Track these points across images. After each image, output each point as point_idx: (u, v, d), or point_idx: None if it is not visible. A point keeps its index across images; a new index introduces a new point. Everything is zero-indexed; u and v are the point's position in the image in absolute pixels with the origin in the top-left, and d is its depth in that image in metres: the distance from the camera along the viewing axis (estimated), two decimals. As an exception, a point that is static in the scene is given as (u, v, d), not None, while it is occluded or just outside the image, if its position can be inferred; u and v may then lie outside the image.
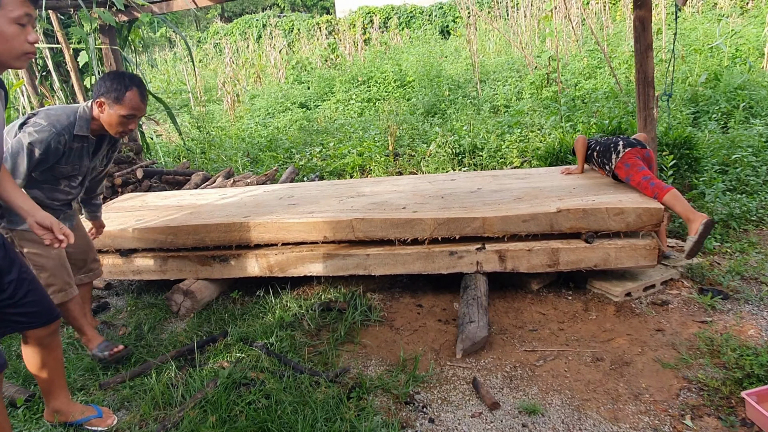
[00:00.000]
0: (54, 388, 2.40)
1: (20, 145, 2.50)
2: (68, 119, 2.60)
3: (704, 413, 2.27)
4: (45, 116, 2.57)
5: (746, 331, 2.79)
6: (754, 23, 9.89)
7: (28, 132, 2.51)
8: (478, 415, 2.39)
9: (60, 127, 2.56)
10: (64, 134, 2.57)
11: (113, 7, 4.87)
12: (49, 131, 2.53)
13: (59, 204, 2.78)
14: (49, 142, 2.53)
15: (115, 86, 2.58)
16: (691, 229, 3.14)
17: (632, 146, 3.45)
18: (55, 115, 2.58)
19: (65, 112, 2.63)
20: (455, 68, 10.99)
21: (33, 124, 2.54)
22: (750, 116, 6.09)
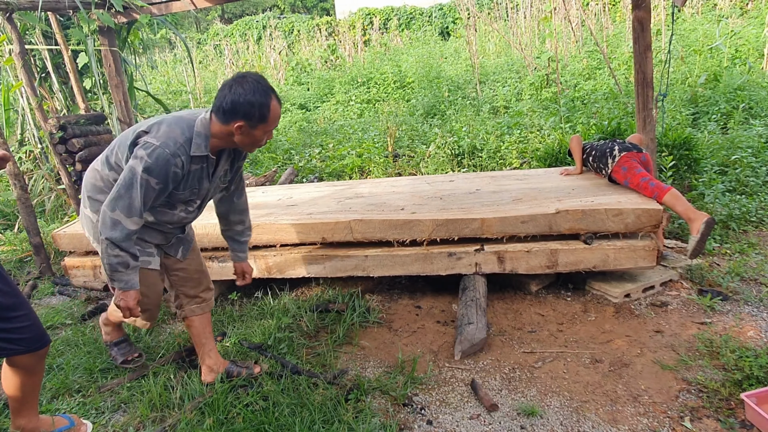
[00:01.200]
0: (24, 408, 2.29)
1: (133, 176, 2.08)
2: (183, 135, 2.14)
3: (703, 415, 2.26)
4: (157, 133, 2.13)
5: (746, 333, 2.78)
6: (754, 24, 9.88)
7: (140, 157, 2.08)
8: (476, 417, 2.38)
9: (174, 147, 2.11)
10: (180, 155, 2.12)
11: (112, 9, 4.86)
12: (164, 153, 2.08)
13: (172, 227, 2.48)
14: (167, 168, 2.10)
15: (258, 105, 2.11)
16: (692, 228, 3.13)
17: (628, 150, 3.45)
18: (168, 131, 2.13)
19: (180, 126, 2.16)
20: (455, 69, 10.99)
21: (144, 145, 2.10)
22: (750, 117, 6.09)
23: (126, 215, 2.10)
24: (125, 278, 2.20)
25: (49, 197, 5.76)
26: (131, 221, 2.13)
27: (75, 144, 4.81)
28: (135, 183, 2.08)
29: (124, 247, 2.13)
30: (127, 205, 2.09)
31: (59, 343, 3.29)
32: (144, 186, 2.09)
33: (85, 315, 3.67)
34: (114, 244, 2.12)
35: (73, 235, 3.78)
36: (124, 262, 2.17)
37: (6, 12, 4.37)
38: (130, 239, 2.15)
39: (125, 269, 2.18)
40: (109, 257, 2.14)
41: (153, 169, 2.08)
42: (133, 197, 2.09)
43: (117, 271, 2.17)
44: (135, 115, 5.83)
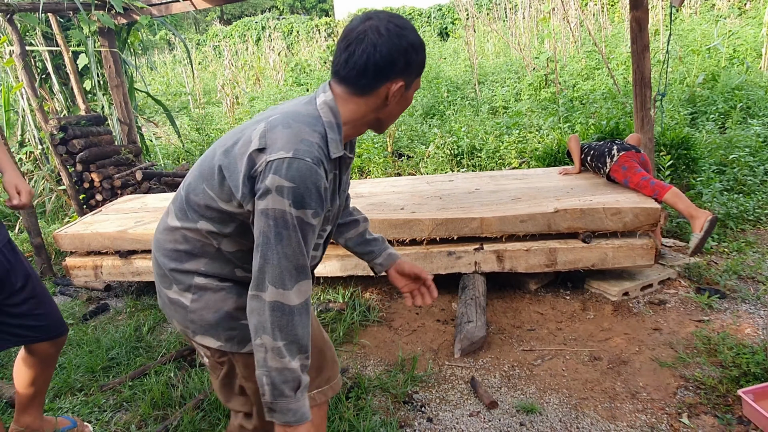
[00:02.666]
0: (32, 406, 2.29)
1: (279, 220, 1.25)
2: (315, 132, 1.32)
3: (701, 411, 2.28)
4: (276, 142, 1.28)
5: (743, 330, 2.80)
6: (752, 24, 9.92)
7: (276, 186, 1.23)
8: (476, 414, 2.40)
9: (313, 151, 1.28)
10: (322, 161, 1.30)
11: (112, 10, 4.89)
12: (305, 164, 1.25)
13: None
14: (317, 184, 1.27)
15: (418, 45, 1.36)
16: (695, 226, 3.16)
17: (627, 150, 3.48)
18: (292, 133, 1.29)
19: (302, 120, 1.33)
20: (454, 70, 11.01)
21: (272, 167, 1.24)
22: (747, 116, 6.11)
23: (285, 285, 1.26)
24: (295, 405, 1.26)
25: (50, 198, 5.78)
26: (297, 291, 1.27)
27: (75, 145, 4.83)
28: (287, 229, 1.25)
29: (303, 347, 1.28)
30: (285, 270, 1.26)
31: (61, 343, 3.31)
32: (299, 227, 1.26)
33: (87, 315, 3.69)
34: (289, 346, 1.25)
35: (73, 235, 3.80)
36: (296, 378, 1.26)
37: (7, 13, 4.39)
38: (305, 327, 1.28)
39: (294, 391, 1.26)
40: (271, 372, 1.24)
41: (302, 194, 1.24)
42: (291, 253, 1.26)
43: (283, 396, 1.25)
44: (135, 116, 5.85)
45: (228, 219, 1.38)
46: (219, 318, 1.46)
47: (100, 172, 4.98)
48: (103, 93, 5.71)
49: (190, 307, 1.46)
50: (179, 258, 1.47)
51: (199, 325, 1.47)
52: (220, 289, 1.46)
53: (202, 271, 1.45)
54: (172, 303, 1.50)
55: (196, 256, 1.46)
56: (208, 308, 1.45)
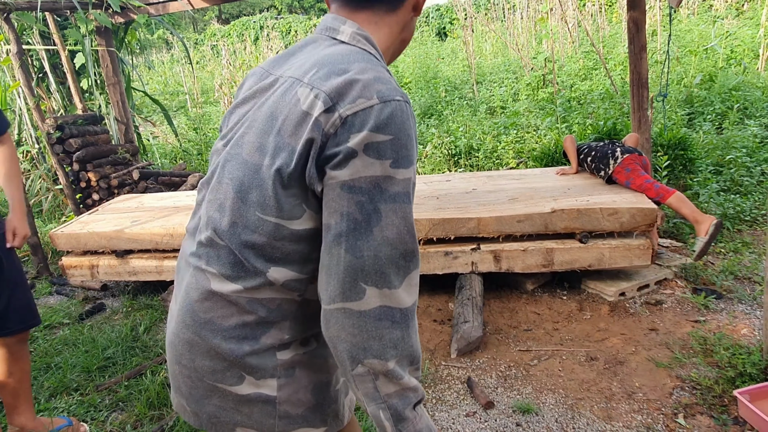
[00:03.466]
0: (19, 403, 2.29)
1: (379, 195, 0.88)
2: (380, 65, 0.98)
3: (697, 412, 2.29)
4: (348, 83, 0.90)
5: (739, 331, 2.81)
6: (749, 25, 9.93)
7: (366, 145, 0.87)
8: (472, 415, 2.40)
9: (400, 89, 0.95)
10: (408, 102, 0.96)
11: (109, 9, 4.88)
12: (401, 111, 0.90)
13: None
14: (415, 136, 0.95)
15: None
16: (699, 230, 3.17)
17: (630, 153, 3.49)
18: (361, 69, 0.93)
19: (357, 55, 0.97)
20: (452, 70, 11.01)
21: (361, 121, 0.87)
22: (744, 117, 6.12)
23: (391, 282, 0.90)
24: (421, 425, 0.95)
25: (47, 197, 5.76)
26: (408, 286, 0.93)
27: (72, 144, 4.82)
28: (386, 202, 0.89)
29: (417, 357, 0.96)
30: (389, 261, 0.90)
31: (57, 343, 3.31)
32: (404, 194, 0.91)
33: (83, 314, 3.68)
34: (402, 362, 0.93)
35: (70, 234, 3.79)
36: (420, 395, 0.95)
37: (3, 12, 4.37)
38: (416, 332, 0.96)
39: (415, 408, 0.95)
40: (391, 401, 0.93)
41: (404, 145, 0.90)
42: (395, 235, 0.90)
43: (405, 420, 0.94)
44: (132, 115, 5.84)
45: (309, 244, 0.98)
46: (317, 394, 1.08)
47: (97, 171, 4.97)
48: (100, 92, 5.70)
49: (279, 398, 1.03)
50: (252, 335, 1.00)
51: (295, 417, 1.05)
52: (307, 354, 1.06)
53: (285, 341, 1.03)
54: (247, 403, 1.03)
55: (274, 322, 1.01)
56: (303, 388, 1.06)
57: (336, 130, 0.88)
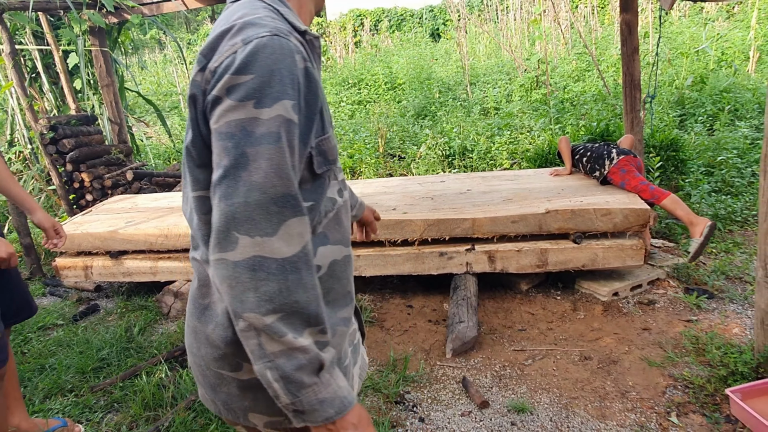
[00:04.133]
0: (10, 402, 2.26)
1: (244, 138, 0.85)
2: (257, 9, 0.96)
3: (690, 410, 2.31)
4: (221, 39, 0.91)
5: (731, 330, 2.84)
6: (740, 27, 10.03)
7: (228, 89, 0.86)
8: (467, 414, 2.42)
9: (274, 24, 0.92)
10: (290, 33, 0.94)
11: (103, 9, 4.86)
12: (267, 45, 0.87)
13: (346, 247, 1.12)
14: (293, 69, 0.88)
15: None
16: (694, 232, 3.21)
17: (626, 154, 3.52)
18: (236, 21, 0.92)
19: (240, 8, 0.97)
20: (445, 71, 11.04)
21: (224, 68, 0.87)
22: (735, 119, 6.18)
23: (263, 229, 0.85)
24: (327, 393, 0.89)
25: (39, 198, 5.73)
26: (285, 235, 0.86)
27: (66, 144, 4.80)
28: (252, 145, 0.85)
29: (312, 317, 0.89)
30: (258, 207, 0.85)
31: (51, 344, 3.29)
32: (274, 133, 0.85)
33: (77, 315, 3.67)
34: (288, 319, 0.86)
35: (64, 235, 3.77)
36: (313, 359, 0.88)
37: (-4, 12, 4.36)
38: (307, 288, 0.88)
39: (316, 374, 0.88)
40: (277, 361, 0.86)
41: (269, 81, 0.85)
42: (262, 179, 0.85)
43: (304, 386, 0.87)
44: (125, 116, 5.82)
45: None
46: None
47: (91, 172, 4.95)
48: (94, 92, 5.68)
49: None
50: None
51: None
52: None
53: None
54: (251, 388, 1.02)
55: None
56: None
57: (208, 84, 0.88)
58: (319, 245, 1.02)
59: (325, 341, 0.91)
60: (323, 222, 1.03)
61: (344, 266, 1.09)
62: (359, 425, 0.91)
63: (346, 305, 1.11)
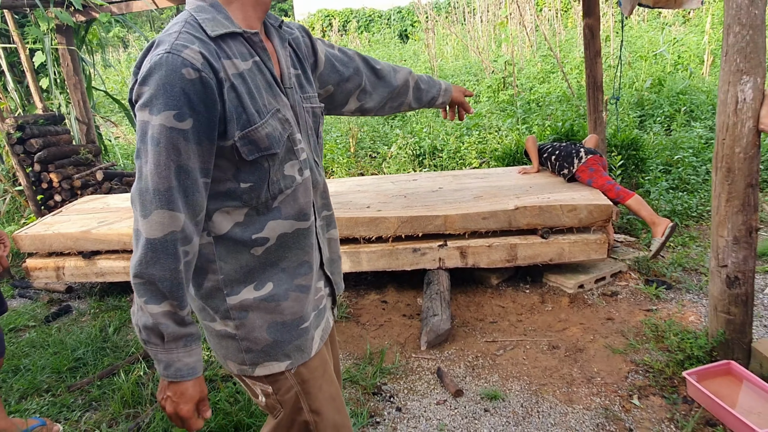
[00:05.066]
0: None
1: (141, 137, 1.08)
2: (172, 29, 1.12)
3: (650, 393, 2.46)
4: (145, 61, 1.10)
5: (687, 318, 3.02)
6: (695, 32, 10.45)
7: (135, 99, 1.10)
8: (442, 403, 2.52)
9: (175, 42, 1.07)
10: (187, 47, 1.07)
11: (71, 7, 4.80)
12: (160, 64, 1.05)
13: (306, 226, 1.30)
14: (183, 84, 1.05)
15: None
16: (656, 231, 3.39)
17: (593, 154, 3.68)
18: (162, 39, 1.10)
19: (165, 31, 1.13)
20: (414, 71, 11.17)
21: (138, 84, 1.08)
22: (691, 119, 6.47)
23: (142, 210, 1.06)
24: (165, 357, 1.11)
25: (5, 199, 5.61)
26: (154, 221, 1.05)
27: (33, 144, 4.72)
28: (145, 143, 1.06)
29: (164, 293, 1.08)
30: (143, 192, 1.06)
31: (24, 345, 3.26)
32: (161, 138, 1.04)
33: (49, 317, 3.63)
34: (146, 287, 1.07)
35: (34, 236, 3.73)
36: (155, 325, 1.08)
37: (-41, 9, 4.26)
38: (164, 268, 1.07)
39: (161, 339, 1.10)
40: (136, 311, 1.11)
41: (156, 95, 1.03)
42: (149, 172, 1.05)
43: (149, 342, 1.10)
44: (93, 115, 5.75)
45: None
46: (274, 333, 1.26)
47: (59, 172, 4.88)
48: (60, 91, 5.58)
49: (238, 335, 1.24)
50: (197, 280, 1.25)
51: (257, 352, 1.25)
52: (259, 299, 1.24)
53: (226, 283, 1.24)
54: (223, 337, 1.26)
55: (204, 267, 1.23)
56: (258, 328, 1.24)
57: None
58: (270, 219, 1.21)
59: (182, 315, 1.11)
60: (278, 198, 1.21)
61: (296, 238, 1.26)
62: (178, 397, 1.13)
63: (304, 274, 1.29)
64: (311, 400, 1.31)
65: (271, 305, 1.24)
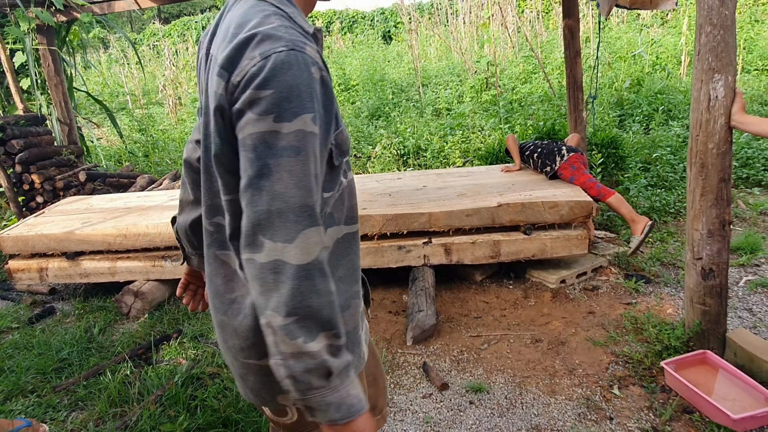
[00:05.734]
0: None
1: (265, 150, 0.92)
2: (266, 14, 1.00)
3: (630, 383, 2.53)
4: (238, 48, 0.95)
5: (665, 310, 3.10)
6: (672, 33, 10.66)
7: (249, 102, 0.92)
8: (428, 396, 2.56)
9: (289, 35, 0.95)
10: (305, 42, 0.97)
11: (52, 7, 4.76)
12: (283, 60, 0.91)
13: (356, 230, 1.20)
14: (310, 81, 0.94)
15: None
16: (635, 229, 3.47)
17: (575, 152, 3.76)
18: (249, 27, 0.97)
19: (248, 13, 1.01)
20: (398, 72, 11.23)
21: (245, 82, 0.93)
22: (669, 118, 6.61)
23: (282, 237, 0.91)
24: (334, 397, 0.93)
25: (-16, 201, 5.53)
26: (302, 244, 0.92)
27: (15, 145, 4.68)
28: (274, 157, 0.91)
29: (325, 323, 0.93)
30: (279, 215, 0.91)
31: (7, 347, 3.24)
32: (294, 146, 0.91)
33: (33, 318, 3.60)
34: (302, 323, 0.91)
35: (17, 237, 3.70)
36: (320, 365, 0.91)
37: (-63, 8, 4.21)
38: (321, 294, 0.93)
39: (326, 379, 0.92)
40: (288, 361, 0.91)
41: (286, 97, 0.90)
42: (283, 189, 0.91)
43: (312, 388, 0.92)
44: (75, 116, 5.70)
45: None
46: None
47: (41, 173, 4.84)
48: (42, 92, 5.53)
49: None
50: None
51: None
52: None
53: None
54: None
55: None
56: None
57: (232, 96, 0.94)
58: (328, 227, 1.08)
59: (340, 345, 0.94)
60: (332, 204, 1.09)
61: (347, 244, 1.15)
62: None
63: (357, 281, 1.18)
64: None
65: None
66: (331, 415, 0.93)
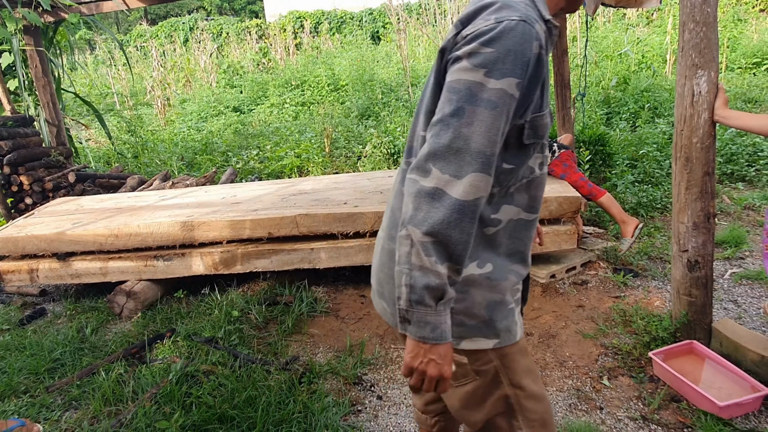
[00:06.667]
0: None
1: (467, 96, 1.04)
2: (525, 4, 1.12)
3: (619, 374, 2.58)
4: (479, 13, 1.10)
5: (653, 303, 3.16)
6: (658, 32, 10.79)
7: (469, 53, 1.05)
8: (422, 390, 2.59)
9: (525, 10, 1.09)
10: (536, 21, 1.10)
11: (39, 8, 4.74)
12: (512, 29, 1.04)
13: (534, 217, 1.31)
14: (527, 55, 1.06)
15: None
16: (625, 231, 3.54)
17: (566, 149, 3.81)
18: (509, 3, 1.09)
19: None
20: (387, 72, 11.26)
21: (473, 37, 1.06)
22: (655, 116, 6.71)
23: (454, 171, 1.03)
24: (434, 319, 1.05)
25: (-29, 203, 5.49)
26: (468, 184, 1.03)
27: (3, 147, 4.65)
28: (472, 104, 1.03)
29: (455, 256, 1.04)
30: (458, 153, 1.03)
31: (-2, 348, 3.22)
32: (492, 103, 1.02)
33: (24, 320, 3.59)
34: (438, 246, 1.03)
35: (6, 238, 3.68)
36: (440, 286, 1.04)
37: (-77, 9, 4.18)
38: (463, 231, 1.04)
39: (436, 301, 1.05)
40: (413, 271, 1.04)
41: (502, 59, 1.02)
42: (470, 133, 1.03)
43: (422, 303, 1.04)
44: (63, 117, 5.67)
45: None
46: (491, 310, 1.24)
47: (30, 174, 4.81)
48: (29, 93, 5.49)
49: (455, 308, 1.21)
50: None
51: (469, 326, 1.24)
52: (483, 276, 1.23)
53: None
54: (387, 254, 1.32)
55: None
56: (477, 304, 1.23)
57: (456, 44, 1.08)
58: (504, 203, 1.21)
59: (456, 281, 1.07)
60: (516, 185, 1.21)
61: (519, 228, 1.25)
62: (442, 359, 1.07)
63: (518, 262, 1.28)
64: (511, 374, 1.29)
65: (492, 283, 1.23)
66: (426, 333, 1.05)
